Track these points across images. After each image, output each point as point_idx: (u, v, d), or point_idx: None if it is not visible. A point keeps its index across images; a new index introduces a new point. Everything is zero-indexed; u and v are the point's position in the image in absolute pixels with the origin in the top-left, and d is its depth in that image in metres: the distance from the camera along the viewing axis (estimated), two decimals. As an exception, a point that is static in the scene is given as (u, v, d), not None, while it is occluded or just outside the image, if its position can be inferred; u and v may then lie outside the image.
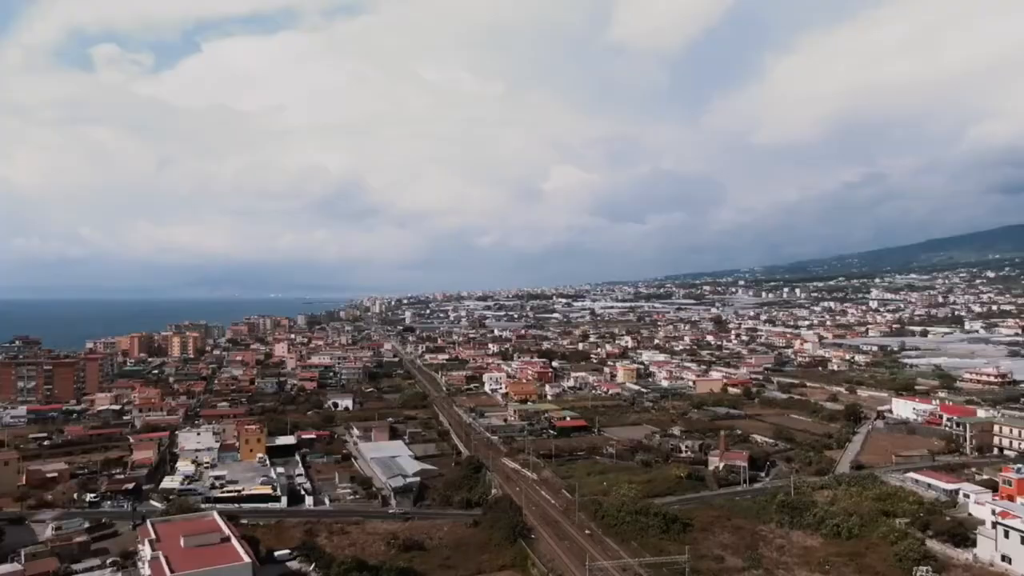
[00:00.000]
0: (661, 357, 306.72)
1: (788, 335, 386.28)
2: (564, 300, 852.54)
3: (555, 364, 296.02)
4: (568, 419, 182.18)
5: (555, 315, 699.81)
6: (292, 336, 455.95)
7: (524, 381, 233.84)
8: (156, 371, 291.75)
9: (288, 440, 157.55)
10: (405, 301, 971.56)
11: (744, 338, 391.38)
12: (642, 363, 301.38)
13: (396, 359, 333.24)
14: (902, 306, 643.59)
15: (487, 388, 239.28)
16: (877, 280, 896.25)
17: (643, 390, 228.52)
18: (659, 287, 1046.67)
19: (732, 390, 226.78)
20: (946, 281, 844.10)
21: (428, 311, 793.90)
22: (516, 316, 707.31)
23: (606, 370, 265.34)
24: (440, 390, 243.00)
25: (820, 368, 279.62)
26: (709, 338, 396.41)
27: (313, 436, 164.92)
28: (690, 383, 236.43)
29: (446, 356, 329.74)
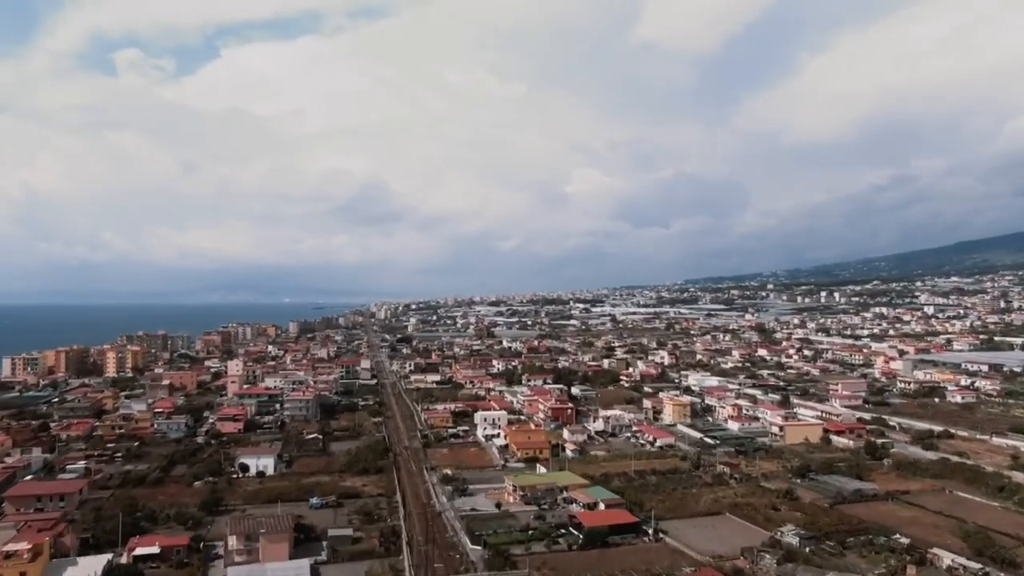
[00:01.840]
0: (714, 381, 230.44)
1: (864, 350, 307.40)
2: (582, 305, 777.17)
3: (575, 391, 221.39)
4: (602, 506, 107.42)
5: (572, 322, 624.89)
6: (268, 348, 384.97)
7: (533, 426, 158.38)
8: (56, 400, 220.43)
9: (89, 568, 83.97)
10: (413, 306, 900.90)
11: (806, 353, 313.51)
12: (690, 389, 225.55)
13: (373, 380, 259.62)
14: (962, 312, 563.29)
15: (480, 432, 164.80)
16: (919, 284, 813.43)
17: (707, 439, 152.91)
18: (682, 291, 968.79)
19: (838, 440, 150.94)
20: (994, 284, 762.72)
21: (435, 317, 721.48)
22: (530, 323, 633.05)
23: (646, 404, 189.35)
24: (415, 435, 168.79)
25: (937, 399, 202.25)
26: (762, 352, 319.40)
27: (156, 549, 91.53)
28: (774, 428, 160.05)
29: (437, 377, 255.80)
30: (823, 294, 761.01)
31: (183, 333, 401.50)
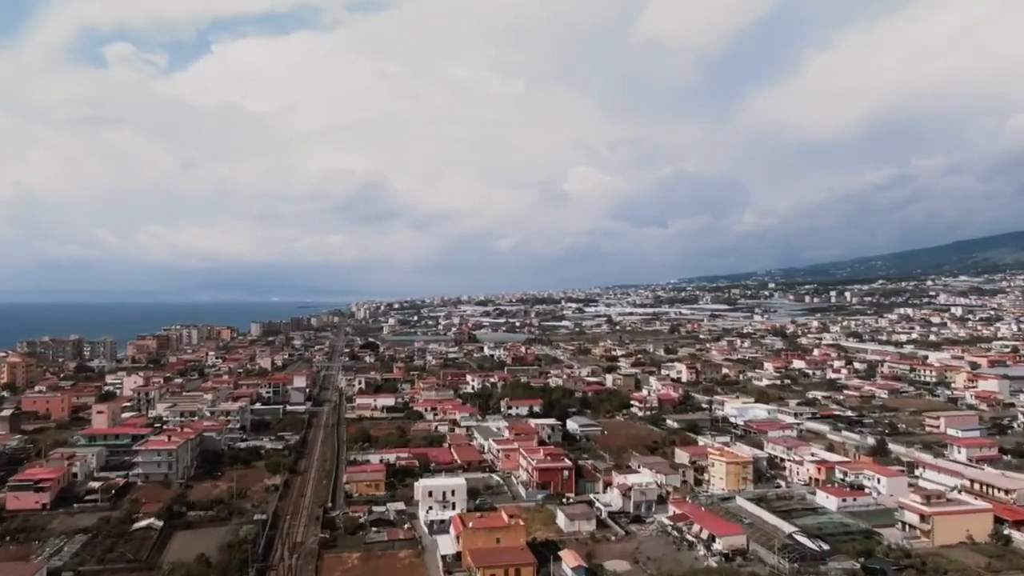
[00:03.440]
0: (760, 410, 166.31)
1: (933, 364, 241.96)
2: (575, 305, 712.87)
3: (572, 426, 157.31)
4: None
5: (565, 323, 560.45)
6: (208, 356, 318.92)
7: (507, 517, 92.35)
8: None
9: None
10: (396, 306, 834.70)
11: (856, 366, 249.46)
12: (728, 420, 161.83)
13: (305, 406, 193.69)
14: (992, 313, 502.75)
15: (422, 515, 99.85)
16: (929, 283, 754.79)
17: (802, 538, 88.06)
18: (679, 291, 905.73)
19: (1021, 537, 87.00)
20: (1009, 284, 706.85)
21: (416, 318, 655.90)
22: (518, 324, 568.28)
23: (681, 455, 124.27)
24: (317, 514, 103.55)
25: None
26: (798, 364, 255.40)
27: None
28: (907, 514, 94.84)
29: (391, 401, 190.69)
30: (832, 293, 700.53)
31: (105, 337, 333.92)
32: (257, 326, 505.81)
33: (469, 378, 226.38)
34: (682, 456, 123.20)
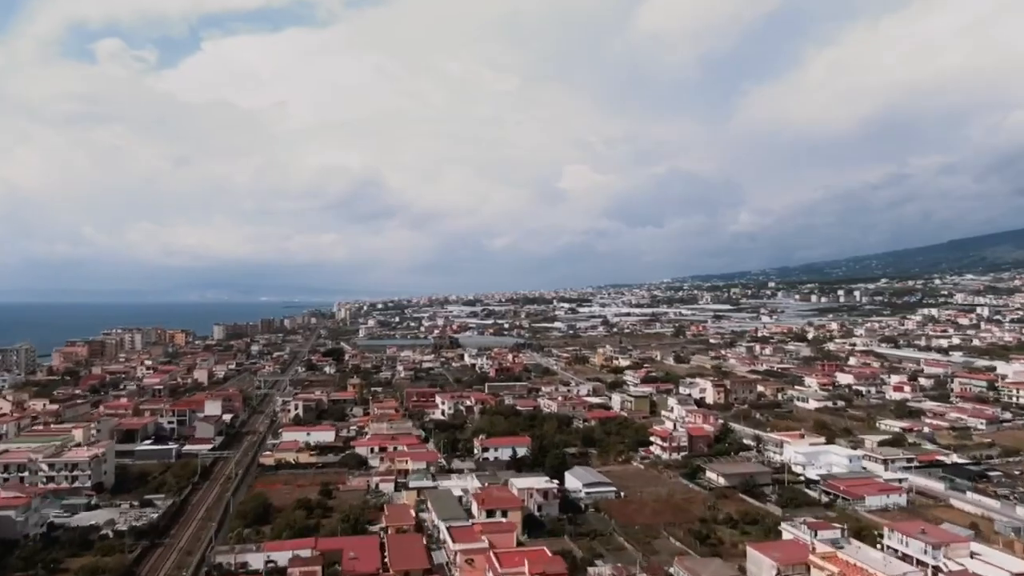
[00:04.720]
0: (840, 458, 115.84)
1: None
2: (567, 305, 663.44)
3: (572, 482, 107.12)
4: None
5: (557, 324, 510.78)
6: (141, 366, 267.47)
7: None
8: None
9: None
10: (379, 306, 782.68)
11: (922, 383, 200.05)
12: (791, 469, 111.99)
13: (203, 446, 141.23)
14: (1022, 314, 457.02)
15: None
16: (938, 282, 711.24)
17: None
18: (676, 290, 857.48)
19: None
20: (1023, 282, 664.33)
21: (399, 319, 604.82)
22: (507, 326, 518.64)
23: (758, 563, 74.49)
24: None
25: None
26: (844, 378, 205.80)
27: None
28: None
29: (329, 436, 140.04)
30: (840, 293, 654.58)
31: (22, 343, 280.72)
32: (220, 328, 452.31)
33: (439, 400, 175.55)
34: (760, 562, 72.91)
